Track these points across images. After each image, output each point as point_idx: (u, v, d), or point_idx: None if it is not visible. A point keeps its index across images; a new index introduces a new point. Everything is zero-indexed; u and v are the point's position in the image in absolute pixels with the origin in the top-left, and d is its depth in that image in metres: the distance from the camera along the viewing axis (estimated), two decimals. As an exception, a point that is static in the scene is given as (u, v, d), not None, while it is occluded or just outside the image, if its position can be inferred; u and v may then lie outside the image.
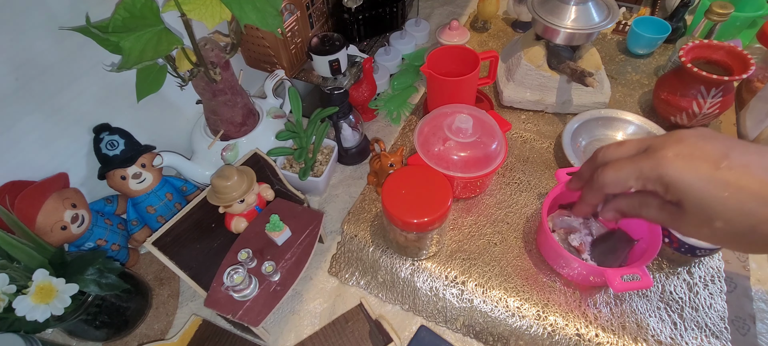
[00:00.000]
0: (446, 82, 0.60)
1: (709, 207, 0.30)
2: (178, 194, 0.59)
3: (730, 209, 0.30)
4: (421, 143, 0.53)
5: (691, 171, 0.31)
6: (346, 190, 0.64)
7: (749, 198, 0.29)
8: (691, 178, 0.31)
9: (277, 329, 0.51)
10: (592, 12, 0.60)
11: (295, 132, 0.60)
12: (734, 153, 0.30)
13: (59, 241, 0.47)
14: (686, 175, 0.31)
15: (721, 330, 0.45)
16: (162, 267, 0.57)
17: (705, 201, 0.30)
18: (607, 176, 0.35)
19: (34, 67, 0.45)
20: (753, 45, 0.72)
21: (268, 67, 0.66)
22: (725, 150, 0.31)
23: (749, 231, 0.30)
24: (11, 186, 0.45)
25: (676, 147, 0.32)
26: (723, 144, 0.31)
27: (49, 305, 0.39)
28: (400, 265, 0.53)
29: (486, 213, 0.57)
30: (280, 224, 0.49)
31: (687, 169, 0.31)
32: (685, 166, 0.31)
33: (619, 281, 0.42)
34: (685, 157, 0.31)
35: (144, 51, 0.40)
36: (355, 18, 0.74)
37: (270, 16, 0.42)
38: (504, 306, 0.49)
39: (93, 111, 0.52)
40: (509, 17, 0.93)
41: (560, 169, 0.51)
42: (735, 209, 0.30)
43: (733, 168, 0.30)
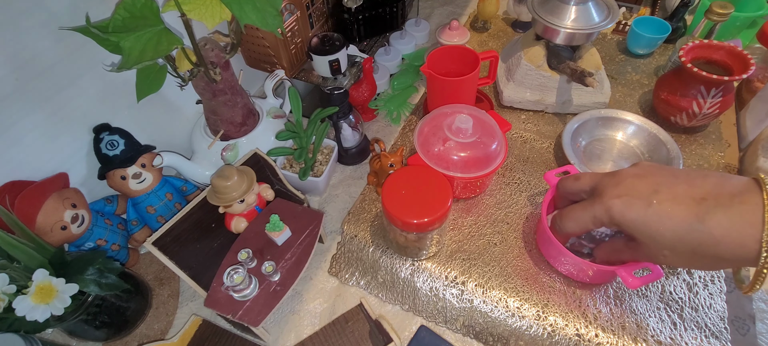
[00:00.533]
0: (446, 82, 0.60)
1: (653, 238, 0.34)
2: (178, 194, 0.59)
3: (669, 239, 0.33)
4: (421, 143, 0.53)
5: (629, 211, 0.35)
6: (346, 190, 0.64)
7: (680, 226, 0.32)
8: (630, 216, 0.34)
9: (277, 329, 0.51)
10: (592, 12, 0.60)
11: (295, 132, 0.60)
12: (663, 187, 0.34)
13: (59, 241, 0.47)
14: (626, 214, 0.35)
15: (721, 330, 0.45)
16: (162, 267, 0.57)
17: (648, 235, 0.34)
18: (568, 226, 0.41)
19: (34, 67, 0.45)
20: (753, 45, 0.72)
21: (268, 67, 0.66)
22: (655, 186, 0.34)
23: (693, 253, 0.33)
24: (11, 186, 0.45)
25: (615, 189, 0.36)
26: (654, 180, 0.35)
27: (49, 305, 0.39)
28: (400, 265, 0.53)
29: (486, 213, 0.57)
30: (280, 224, 0.49)
31: (626, 210, 0.35)
32: (625, 207, 0.35)
33: (632, 277, 0.42)
34: (623, 197, 0.35)
35: (144, 51, 0.40)
36: (355, 18, 0.74)
37: (270, 16, 0.42)
38: (504, 306, 0.49)
39: (93, 111, 0.52)
40: (509, 17, 0.93)
41: (549, 172, 0.51)
42: (672, 237, 0.33)
43: (662, 202, 0.33)
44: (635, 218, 0.34)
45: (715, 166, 0.60)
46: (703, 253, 0.32)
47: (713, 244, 0.31)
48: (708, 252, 0.32)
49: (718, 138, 0.64)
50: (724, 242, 0.31)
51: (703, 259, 0.33)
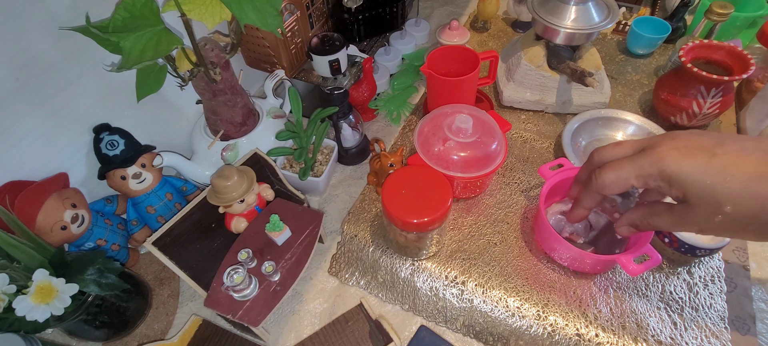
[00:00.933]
0: (446, 82, 0.60)
1: (713, 195, 0.30)
2: (178, 194, 0.59)
3: (734, 192, 0.29)
4: (421, 143, 0.53)
5: (689, 162, 0.31)
6: (346, 190, 0.64)
7: (750, 178, 0.29)
8: (690, 168, 0.31)
9: (277, 329, 0.51)
10: (592, 12, 0.60)
11: (295, 132, 0.60)
12: (728, 141, 0.31)
13: (59, 241, 0.47)
14: (684, 166, 0.31)
15: (721, 330, 0.45)
16: (162, 267, 0.57)
17: (708, 189, 0.30)
18: (607, 177, 0.35)
19: (34, 67, 0.45)
20: (753, 45, 0.72)
21: (268, 67, 0.66)
22: (719, 140, 0.31)
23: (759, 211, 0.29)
24: (11, 186, 0.45)
25: (672, 142, 0.32)
26: (716, 136, 0.32)
27: (49, 305, 0.39)
28: (400, 265, 0.53)
29: (486, 213, 0.57)
30: (280, 224, 0.49)
31: (684, 160, 0.31)
32: (682, 157, 0.31)
33: (633, 265, 0.42)
34: (681, 149, 0.32)
35: (144, 51, 0.40)
36: (355, 18, 0.74)
37: (270, 16, 0.42)
38: (504, 306, 0.49)
39: (93, 111, 0.52)
40: (509, 17, 0.93)
41: (543, 166, 0.52)
42: (738, 191, 0.29)
43: (729, 153, 0.30)
44: (694, 169, 0.30)
45: None
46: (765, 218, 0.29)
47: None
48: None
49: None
50: None
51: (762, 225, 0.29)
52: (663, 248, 0.52)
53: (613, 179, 0.35)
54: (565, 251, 0.47)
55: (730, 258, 0.51)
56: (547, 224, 0.47)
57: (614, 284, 0.49)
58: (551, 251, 0.50)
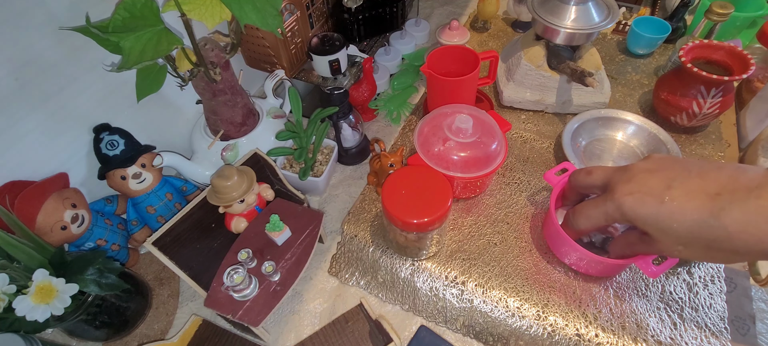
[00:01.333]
0: (446, 82, 0.60)
1: (666, 234, 0.34)
2: (178, 194, 0.59)
3: (683, 236, 0.33)
4: (421, 143, 0.53)
5: (641, 207, 0.34)
6: (346, 190, 0.64)
7: (693, 223, 0.32)
8: (643, 213, 0.34)
9: (277, 329, 0.51)
10: (592, 12, 0.60)
11: (295, 132, 0.60)
12: (676, 183, 0.33)
13: (59, 241, 0.47)
14: (639, 211, 0.34)
15: (721, 330, 0.45)
16: (162, 267, 0.57)
17: (661, 230, 0.34)
18: (581, 223, 0.41)
19: (34, 67, 0.45)
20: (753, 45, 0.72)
21: (268, 67, 0.66)
22: (668, 182, 0.34)
23: (707, 248, 0.32)
24: (11, 186, 0.45)
25: (627, 186, 0.36)
26: (666, 175, 0.34)
27: (49, 305, 0.39)
28: (400, 265, 0.53)
29: (486, 213, 0.57)
30: (280, 224, 0.49)
31: (638, 206, 0.34)
32: (637, 204, 0.34)
33: (652, 266, 0.42)
34: (635, 195, 0.35)
35: (144, 51, 0.40)
36: (355, 18, 0.74)
37: (270, 16, 0.42)
38: (504, 306, 0.49)
39: (93, 111, 0.52)
40: (509, 17, 0.93)
41: (549, 172, 0.52)
42: (686, 234, 0.32)
43: (675, 199, 0.33)
44: (647, 215, 0.34)
45: (715, 166, 0.60)
46: (718, 248, 0.32)
47: (728, 239, 0.31)
48: (723, 246, 0.31)
49: (718, 138, 0.64)
50: (740, 237, 0.30)
51: (718, 253, 0.32)
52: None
53: (586, 224, 0.41)
54: (582, 256, 0.47)
55: (730, 258, 0.51)
56: (560, 232, 0.46)
57: (614, 284, 0.49)
58: (564, 256, 0.50)
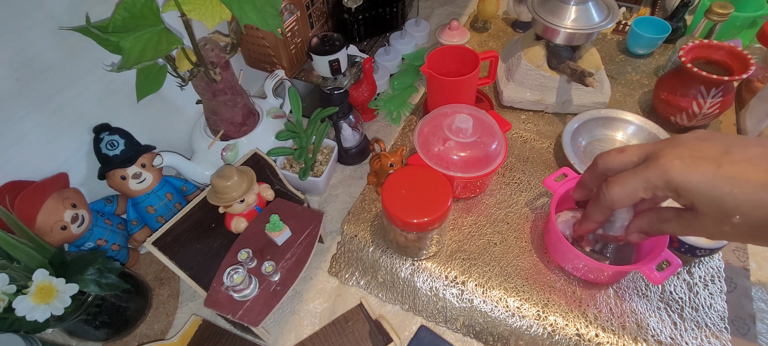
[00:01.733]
0: (446, 82, 0.60)
1: (721, 204, 0.30)
2: (178, 194, 0.59)
3: (742, 203, 0.29)
4: (421, 143, 0.53)
5: (695, 172, 0.30)
6: (346, 190, 0.64)
7: (758, 189, 0.28)
8: (696, 178, 0.30)
9: (277, 329, 0.51)
10: (592, 12, 0.60)
11: (295, 132, 0.60)
12: (734, 148, 0.30)
13: (59, 241, 0.47)
14: (691, 176, 0.30)
15: (721, 330, 0.45)
16: (162, 267, 0.57)
17: (716, 199, 0.30)
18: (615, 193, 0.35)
19: (34, 67, 0.45)
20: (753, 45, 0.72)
21: (268, 67, 0.66)
22: (725, 147, 0.30)
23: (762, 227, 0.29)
24: (11, 186, 0.45)
25: (676, 151, 0.32)
26: (722, 142, 0.31)
27: (49, 305, 0.39)
28: (400, 265, 0.53)
29: (486, 213, 0.57)
30: (280, 224, 0.49)
31: (691, 170, 0.30)
32: (688, 168, 0.30)
33: (655, 273, 0.42)
34: (686, 159, 0.31)
35: (144, 51, 0.40)
36: (355, 18, 0.74)
37: (270, 16, 0.42)
38: (504, 306, 0.49)
39: (93, 111, 0.52)
40: (509, 17, 0.93)
41: (548, 178, 0.51)
42: (747, 201, 0.29)
43: (736, 163, 0.29)
44: (701, 181, 0.30)
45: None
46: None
47: None
48: None
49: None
50: None
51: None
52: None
53: (621, 193, 0.34)
54: (585, 264, 0.46)
55: (730, 258, 0.51)
56: (562, 239, 0.46)
57: (614, 284, 0.49)
58: (566, 263, 0.49)
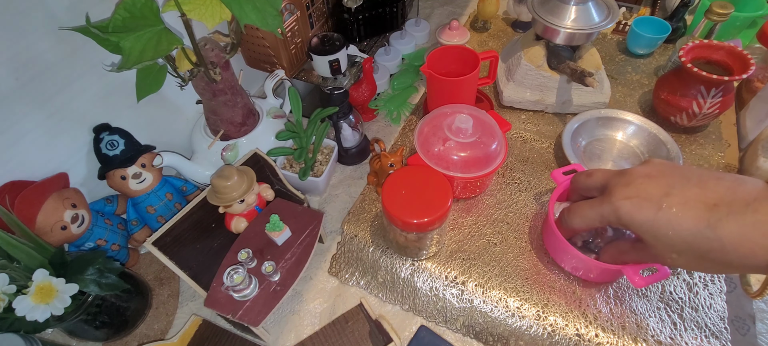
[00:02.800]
0: (446, 82, 0.60)
1: (661, 242, 0.34)
2: (178, 194, 0.59)
3: (677, 244, 0.33)
4: (421, 143, 0.53)
5: (638, 213, 0.34)
6: (346, 190, 0.64)
7: (689, 232, 0.32)
8: (639, 219, 0.34)
9: (277, 329, 0.51)
10: (592, 12, 0.60)
11: (295, 132, 0.60)
12: (675, 190, 0.33)
13: (59, 241, 0.47)
14: (635, 216, 0.34)
15: (721, 330, 0.45)
16: (162, 267, 0.57)
17: (656, 238, 0.34)
18: (575, 222, 0.41)
19: (34, 67, 0.45)
20: (753, 45, 0.72)
21: (268, 67, 0.66)
22: (667, 188, 0.34)
23: (701, 258, 0.32)
24: (11, 186, 0.45)
25: (625, 190, 0.36)
26: (665, 182, 0.34)
27: (49, 305, 0.39)
28: (400, 265, 0.53)
29: (486, 213, 0.57)
30: (280, 224, 0.49)
31: (635, 211, 0.34)
32: (633, 208, 0.34)
33: (639, 276, 0.42)
34: (633, 200, 0.35)
35: (144, 51, 0.40)
36: (355, 18, 0.74)
37: (270, 16, 0.42)
38: (504, 306, 0.49)
39: (93, 111, 0.52)
40: (509, 17, 0.93)
41: (556, 170, 0.52)
42: (680, 243, 0.32)
43: (673, 206, 0.33)
44: (644, 221, 0.34)
45: (715, 166, 0.60)
46: (711, 259, 0.32)
47: (722, 251, 0.31)
48: (717, 258, 0.31)
49: (718, 138, 0.64)
50: (735, 250, 0.30)
51: (711, 264, 0.32)
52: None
53: (580, 223, 0.40)
54: (575, 260, 0.47)
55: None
56: (557, 234, 0.46)
57: (614, 284, 0.49)
58: (560, 259, 0.50)
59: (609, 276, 0.48)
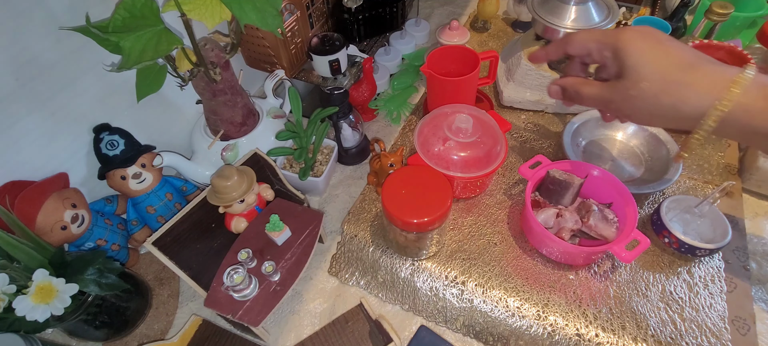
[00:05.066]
0: (446, 82, 0.60)
1: (640, 67, 0.37)
2: (178, 194, 0.59)
3: (654, 73, 0.37)
4: (421, 143, 0.53)
5: (640, 42, 0.38)
6: (346, 190, 0.64)
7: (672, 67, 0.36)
8: (637, 45, 0.38)
9: (277, 329, 0.51)
10: (592, 12, 0.60)
11: (295, 132, 0.60)
12: (677, 42, 0.38)
13: (59, 241, 0.47)
14: (636, 42, 0.38)
15: (721, 330, 0.45)
16: (162, 267, 0.57)
17: (640, 61, 0.37)
18: (577, 36, 0.43)
19: (34, 67, 0.45)
20: (753, 45, 0.72)
21: (268, 67, 0.66)
22: (671, 38, 0.38)
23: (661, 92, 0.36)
24: (11, 186, 0.45)
25: (638, 27, 0.40)
26: (673, 38, 0.39)
27: (49, 305, 0.40)
28: (400, 265, 0.53)
29: (486, 213, 0.57)
30: (280, 224, 0.49)
31: (638, 40, 0.38)
32: (638, 38, 0.38)
33: (625, 252, 0.44)
34: (642, 33, 0.39)
35: (144, 51, 0.40)
36: (355, 18, 0.74)
37: (270, 16, 0.42)
38: (504, 306, 0.49)
39: (93, 111, 0.52)
40: (509, 17, 0.93)
41: (523, 165, 0.53)
42: (658, 72, 0.36)
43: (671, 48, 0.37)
44: (638, 48, 0.38)
45: (715, 166, 0.60)
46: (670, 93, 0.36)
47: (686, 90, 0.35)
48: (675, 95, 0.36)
49: (718, 138, 0.64)
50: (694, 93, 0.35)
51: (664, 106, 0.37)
52: (663, 248, 0.52)
53: (580, 38, 0.43)
54: (556, 246, 0.48)
55: (730, 258, 0.51)
56: (536, 222, 0.48)
57: (614, 284, 0.49)
58: (542, 247, 0.51)
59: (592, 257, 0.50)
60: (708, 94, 0.34)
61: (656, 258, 0.51)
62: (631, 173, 0.60)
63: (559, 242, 0.47)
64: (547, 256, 0.51)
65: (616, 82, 0.40)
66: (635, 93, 0.38)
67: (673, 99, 0.36)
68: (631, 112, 0.40)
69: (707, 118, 0.35)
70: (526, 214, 0.50)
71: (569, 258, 0.50)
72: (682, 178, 0.59)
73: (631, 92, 0.38)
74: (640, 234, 0.46)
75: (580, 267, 0.51)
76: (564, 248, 0.48)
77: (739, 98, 0.33)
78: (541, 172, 0.53)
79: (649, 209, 0.56)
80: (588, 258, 0.50)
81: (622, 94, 0.39)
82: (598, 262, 0.51)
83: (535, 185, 0.52)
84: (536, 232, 0.49)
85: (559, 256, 0.50)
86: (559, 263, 0.51)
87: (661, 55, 0.37)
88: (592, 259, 0.50)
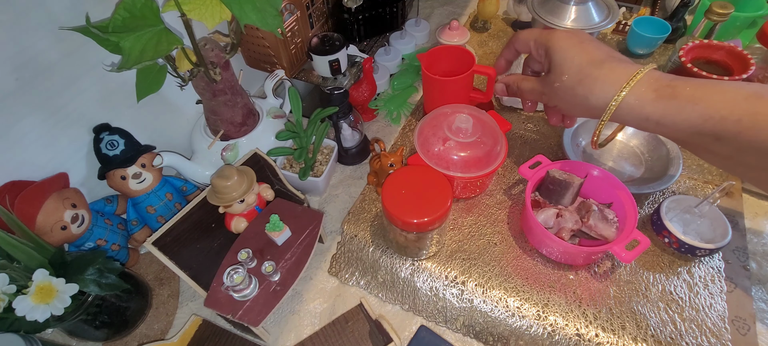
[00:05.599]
0: (438, 81, 0.60)
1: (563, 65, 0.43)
2: (178, 194, 0.59)
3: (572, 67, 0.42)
4: (421, 143, 0.53)
5: (566, 42, 0.43)
6: (346, 190, 0.64)
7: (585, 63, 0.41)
8: (563, 45, 0.43)
9: (277, 329, 0.51)
10: (592, 12, 0.60)
11: (295, 132, 0.60)
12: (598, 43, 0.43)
13: (59, 241, 0.47)
14: (562, 42, 0.43)
15: (721, 330, 0.45)
16: (162, 267, 0.57)
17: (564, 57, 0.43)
18: (521, 34, 0.49)
19: (34, 67, 0.45)
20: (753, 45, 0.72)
21: (268, 67, 0.66)
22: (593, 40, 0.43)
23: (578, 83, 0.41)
24: (11, 186, 0.45)
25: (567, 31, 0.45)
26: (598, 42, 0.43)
27: (49, 305, 0.40)
28: (400, 265, 0.53)
29: (486, 213, 0.57)
30: (280, 224, 0.49)
31: (565, 40, 0.44)
32: (564, 38, 0.44)
33: (625, 252, 0.44)
34: (570, 35, 0.44)
35: (144, 51, 0.40)
36: (355, 18, 0.74)
37: (270, 16, 0.42)
38: (504, 306, 0.49)
39: (93, 111, 0.52)
40: (509, 17, 0.93)
41: (523, 166, 0.54)
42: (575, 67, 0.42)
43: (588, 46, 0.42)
44: (563, 47, 0.43)
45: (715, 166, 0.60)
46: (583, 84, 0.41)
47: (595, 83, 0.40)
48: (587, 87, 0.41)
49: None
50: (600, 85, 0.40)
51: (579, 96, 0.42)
52: (663, 248, 0.52)
53: (523, 36, 0.48)
54: (556, 246, 0.48)
55: (730, 258, 0.51)
56: (536, 222, 0.48)
57: (614, 284, 0.49)
58: (542, 247, 0.51)
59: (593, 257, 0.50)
60: (611, 87, 0.39)
61: (656, 258, 0.51)
62: (631, 173, 0.60)
63: (559, 242, 0.47)
64: (547, 256, 0.51)
65: (546, 76, 0.45)
66: (559, 85, 0.43)
67: (585, 90, 0.41)
68: (557, 102, 0.45)
69: (608, 106, 0.40)
70: (526, 214, 0.50)
71: (569, 258, 0.50)
72: (682, 178, 0.59)
73: (556, 84, 0.43)
74: (640, 234, 0.46)
75: (580, 267, 0.51)
76: (564, 248, 0.48)
77: (633, 89, 0.38)
78: (541, 172, 0.53)
79: (649, 209, 0.56)
80: (588, 258, 0.50)
81: (550, 86, 0.44)
82: (598, 262, 0.51)
83: (535, 184, 0.52)
84: (536, 232, 0.49)
85: (559, 256, 0.50)
86: (559, 263, 0.51)
87: (580, 53, 0.42)
88: (592, 259, 0.50)
